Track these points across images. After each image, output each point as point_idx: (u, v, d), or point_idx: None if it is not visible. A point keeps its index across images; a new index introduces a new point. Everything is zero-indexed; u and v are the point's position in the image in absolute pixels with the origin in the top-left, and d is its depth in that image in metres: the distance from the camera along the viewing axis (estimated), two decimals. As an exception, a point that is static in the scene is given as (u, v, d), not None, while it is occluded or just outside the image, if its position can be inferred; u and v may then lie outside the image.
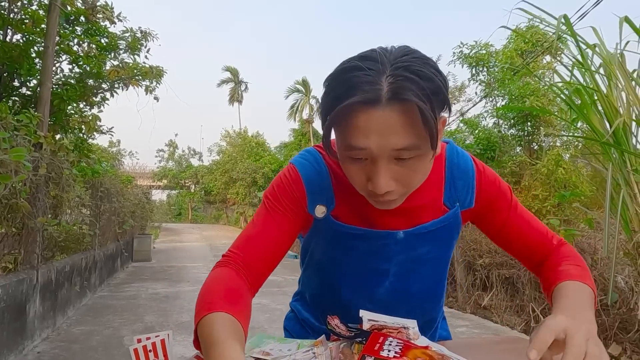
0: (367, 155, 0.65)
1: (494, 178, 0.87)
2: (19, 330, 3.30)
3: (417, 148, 0.64)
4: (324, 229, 0.86)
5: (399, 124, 0.62)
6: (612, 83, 2.20)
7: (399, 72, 0.61)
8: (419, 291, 0.90)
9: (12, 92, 5.02)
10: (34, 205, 3.51)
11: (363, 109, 0.62)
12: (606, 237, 2.31)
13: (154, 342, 0.68)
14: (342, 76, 0.64)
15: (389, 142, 0.63)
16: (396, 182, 0.68)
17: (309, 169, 0.84)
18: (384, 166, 0.65)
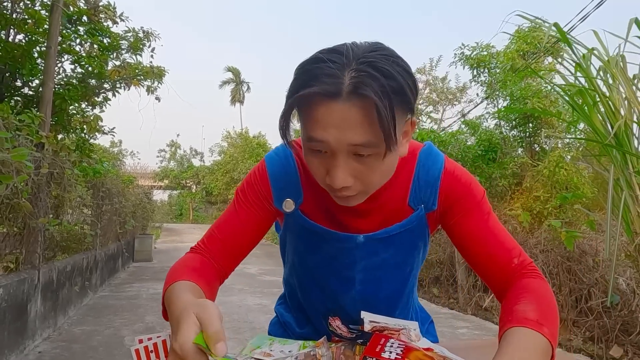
0: (326, 148, 0.65)
1: (464, 179, 0.81)
2: (20, 330, 3.31)
3: (374, 146, 0.63)
4: (293, 224, 0.86)
5: (358, 119, 0.61)
6: (613, 85, 2.20)
7: (362, 68, 0.60)
8: (386, 297, 0.89)
9: (15, 92, 5.03)
10: (35, 205, 3.51)
11: (323, 102, 0.61)
12: (608, 239, 2.30)
13: (155, 343, 0.68)
14: (307, 67, 0.63)
15: (346, 136, 0.62)
16: (354, 179, 0.67)
17: (276, 163, 0.84)
18: (342, 161, 0.65)
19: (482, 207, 0.80)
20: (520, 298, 0.68)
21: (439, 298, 6.08)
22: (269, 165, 0.85)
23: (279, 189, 0.84)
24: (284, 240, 0.93)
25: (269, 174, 0.84)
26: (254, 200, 0.84)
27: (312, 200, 0.84)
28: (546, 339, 0.61)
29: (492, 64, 8.23)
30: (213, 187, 28.81)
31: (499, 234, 0.78)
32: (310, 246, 0.86)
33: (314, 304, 0.92)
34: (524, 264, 0.76)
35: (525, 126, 7.40)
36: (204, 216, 34.91)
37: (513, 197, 6.87)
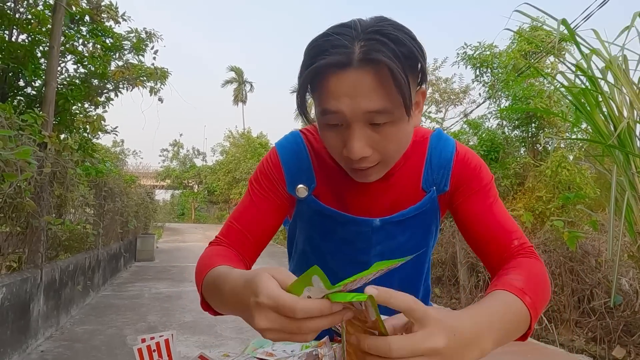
0: (341, 119, 0.64)
1: (474, 162, 0.83)
2: (23, 329, 3.32)
3: (389, 112, 0.63)
4: (306, 210, 0.86)
5: (371, 86, 0.61)
6: (615, 85, 2.19)
7: (371, 36, 0.60)
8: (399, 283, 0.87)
9: (17, 92, 5.04)
10: (38, 205, 3.52)
11: (334, 72, 0.61)
12: (610, 239, 2.29)
13: (157, 342, 0.69)
14: (315, 42, 0.64)
15: (360, 104, 0.62)
16: (372, 149, 0.66)
17: (287, 149, 0.85)
18: (358, 130, 0.64)
19: (488, 190, 0.81)
20: (510, 270, 0.69)
21: (441, 298, 6.07)
22: (280, 152, 0.85)
23: (291, 174, 0.84)
24: (293, 231, 0.93)
25: (281, 161, 0.84)
26: (269, 187, 0.84)
27: (325, 186, 0.84)
28: (526, 307, 0.60)
29: (495, 63, 8.22)
30: (215, 187, 28.86)
31: (502, 217, 0.79)
32: (324, 232, 0.86)
33: None
34: (523, 246, 0.77)
35: (527, 126, 7.39)
36: (205, 216, 34.96)
37: (515, 197, 6.85)
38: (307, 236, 0.89)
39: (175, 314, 4.86)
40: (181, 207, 37.76)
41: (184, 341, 3.80)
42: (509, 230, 0.78)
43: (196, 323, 4.47)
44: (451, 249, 6.05)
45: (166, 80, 6.14)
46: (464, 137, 7.94)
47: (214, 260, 0.71)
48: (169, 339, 0.70)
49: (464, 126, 8.64)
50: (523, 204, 6.39)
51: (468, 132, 8.20)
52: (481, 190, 0.81)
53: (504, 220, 0.79)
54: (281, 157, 0.84)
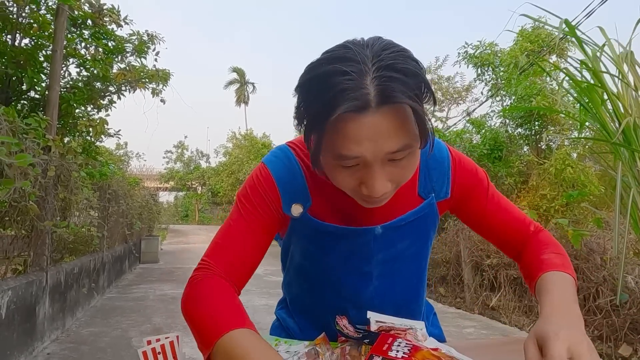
0: (360, 161, 0.63)
1: (470, 167, 0.85)
2: (29, 331, 3.34)
3: (410, 147, 0.62)
4: (302, 228, 0.82)
5: (392, 127, 0.59)
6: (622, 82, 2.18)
7: (383, 73, 0.57)
8: (402, 291, 0.88)
9: (21, 96, 5.07)
10: (43, 208, 3.54)
11: (352, 118, 0.58)
12: (616, 236, 2.28)
13: (162, 345, 0.69)
14: (323, 84, 0.59)
15: (382, 147, 0.60)
16: (391, 182, 0.66)
17: (280, 167, 0.80)
18: (379, 170, 0.63)
19: (490, 190, 0.87)
20: (542, 249, 0.81)
21: (446, 297, 6.06)
22: (273, 170, 0.80)
23: (286, 192, 0.79)
24: (287, 246, 0.90)
25: (275, 179, 0.79)
26: (261, 207, 0.79)
27: (320, 202, 0.81)
28: (572, 277, 0.75)
29: (496, 62, 8.20)
30: (218, 188, 28.90)
31: (509, 208, 0.88)
32: (324, 247, 0.84)
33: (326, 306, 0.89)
34: (538, 228, 0.88)
35: (531, 124, 7.37)
36: (209, 217, 35.02)
37: (519, 195, 6.83)
38: (304, 251, 0.87)
39: (180, 316, 4.82)
40: (185, 209, 37.85)
41: (190, 342, 3.78)
42: (522, 219, 0.87)
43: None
44: (455, 248, 6.04)
45: (168, 82, 6.16)
46: (467, 136, 7.92)
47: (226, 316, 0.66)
48: (174, 341, 0.70)
49: (467, 125, 8.62)
50: (527, 202, 6.37)
51: (471, 131, 8.18)
52: (484, 192, 0.86)
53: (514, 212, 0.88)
54: (275, 176, 0.79)
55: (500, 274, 5.15)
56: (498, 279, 5.19)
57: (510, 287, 5.07)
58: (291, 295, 0.97)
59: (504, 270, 5.12)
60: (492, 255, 5.29)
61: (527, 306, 4.79)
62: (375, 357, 0.63)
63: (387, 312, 0.81)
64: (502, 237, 0.88)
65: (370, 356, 0.64)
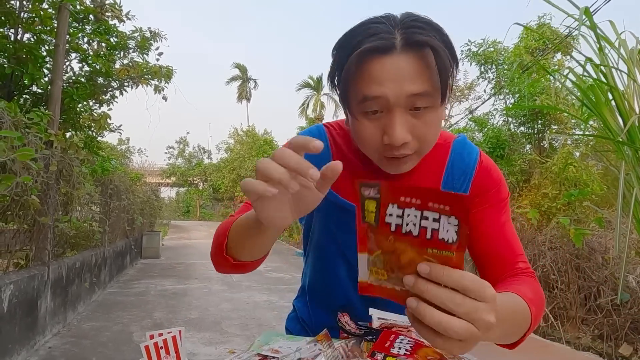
0: (383, 105, 0.65)
1: (496, 175, 0.84)
2: (31, 325, 3.35)
3: (431, 96, 0.64)
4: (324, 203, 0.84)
5: (414, 70, 0.63)
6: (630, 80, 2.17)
7: (410, 24, 0.63)
8: None
9: (24, 90, 5.07)
10: (45, 202, 3.55)
11: (376, 58, 0.63)
12: (618, 236, 2.28)
13: (165, 339, 0.69)
14: (354, 31, 0.65)
15: (404, 88, 0.63)
16: (412, 135, 0.67)
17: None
18: (399, 116, 0.65)
19: (504, 206, 0.82)
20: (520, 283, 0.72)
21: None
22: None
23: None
24: (309, 223, 0.92)
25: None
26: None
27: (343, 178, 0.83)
28: (530, 316, 0.63)
29: (500, 60, 8.17)
30: (220, 185, 28.93)
31: (512, 237, 0.81)
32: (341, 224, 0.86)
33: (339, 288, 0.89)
34: (527, 269, 0.79)
35: (533, 123, 7.35)
36: (210, 213, 35.08)
37: (521, 194, 6.82)
38: (323, 227, 0.89)
39: (181, 311, 4.89)
40: (186, 205, 37.91)
41: (190, 338, 3.82)
42: (517, 252, 0.80)
43: (202, 320, 4.49)
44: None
45: (171, 78, 6.16)
46: (469, 134, 7.90)
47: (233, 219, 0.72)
48: (177, 336, 0.70)
49: (470, 123, 8.60)
50: (529, 201, 6.36)
51: (473, 129, 8.17)
52: (497, 205, 0.82)
53: (513, 240, 0.81)
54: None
55: (501, 272, 5.14)
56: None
57: (511, 286, 5.06)
58: (308, 280, 0.99)
59: (505, 268, 5.11)
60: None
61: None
62: (378, 353, 0.63)
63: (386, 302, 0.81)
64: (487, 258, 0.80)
65: (373, 353, 0.64)
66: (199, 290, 6.26)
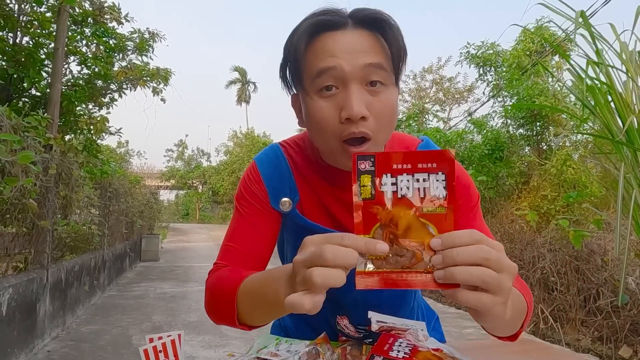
0: (338, 78, 0.65)
1: (464, 180, 0.83)
2: (30, 329, 3.34)
3: (385, 69, 0.66)
4: (292, 224, 0.84)
5: (367, 42, 0.66)
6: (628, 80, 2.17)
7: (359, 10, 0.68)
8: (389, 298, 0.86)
9: (22, 94, 5.07)
10: (44, 206, 3.54)
11: (330, 35, 0.66)
12: (617, 238, 2.27)
13: (164, 343, 0.69)
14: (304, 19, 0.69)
15: (359, 58, 0.64)
16: (369, 111, 0.66)
17: (267, 163, 0.84)
18: (357, 90, 0.65)
19: (475, 211, 0.83)
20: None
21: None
22: (260, 166, 0.83)
23: (273, 188, 0.82)
24: (282, 242, 0.91)
25: (261, 175, 0.83)
26: (255, 203, 0.83)
27: (308, 199, 0.82)
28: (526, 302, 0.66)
29: (498, 62, 8.19)
30: (219, 187, 28.93)
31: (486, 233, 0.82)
32: None
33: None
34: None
35: (532, 124, 7.36)
36: (210, 216, 35.05)
37: (520, 196, 6.82)
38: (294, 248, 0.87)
39: (181, 314, 4.88)
40: (185, 208, 37.88)
41: (189, 341, 3.81)
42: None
43: (201, 323, 4.48)
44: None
45: (169, 80, 6.15)
46: (468, 136, 7.91)
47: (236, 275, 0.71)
48: (175, 340, 0.70)
49: (469, 125, 8.61)
50: (528, 203, 6.36)
51: (472, 131, 8.17)
52: (470, 211, 0.81)
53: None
54: (261, 171, 0.83)
55: (501, 274, 5.13)
56: (498, 279, 5.18)
57: (510, 288, 5.06)
58: None
59: (504, 270, 5.11)
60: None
61: (528, 307, 4.78)
62: (377, 357, 0.63)
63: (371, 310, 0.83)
64: None
65: (372, 356, 0.64)
66: (199, 293, 6.24)
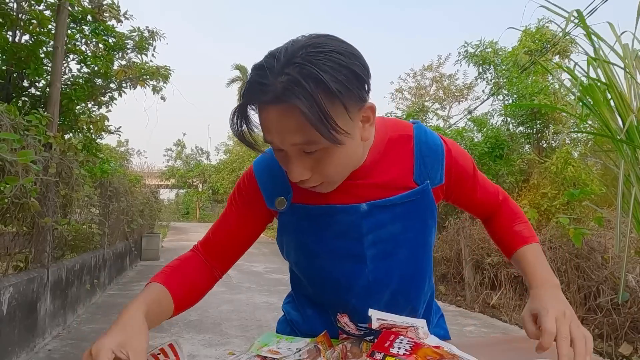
0: (278, 147, 0.69)
1: (460, 154, 0.89)
2: (31, 328, 3.34)
3: (315, 143, 0.65)
4: (291, 220, 0.86)
5: (292, 123, 0.63)
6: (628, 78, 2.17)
7: (290, 72, 0.61)
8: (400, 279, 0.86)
9: (22, 93, 5.07)
10: (44, 205, 3.54)
11: (262, 108, 0.66)
12: (618, 235, 2.28)
13: (162, 348, 0.69)
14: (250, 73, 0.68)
15: (286, 138, 0.65)
16: (311, 172, 0.70)
17: (262, 165, 0.88)
18: (294, 157, 0.68)
19: (475, 174, 0.92)
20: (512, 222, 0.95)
21: (446, 295, 6.06)
22: (255, 169, 0.88)
23: (267, 190, 0.86)
24: (282, 243, 0.92)
25: (256, 177, 0.87)
26: (243, 205, 0.89)
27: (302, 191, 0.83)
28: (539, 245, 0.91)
29: (497, 60, 8.18)
30: (219, 186, 28.91)
31: (487, 187, 0.96)
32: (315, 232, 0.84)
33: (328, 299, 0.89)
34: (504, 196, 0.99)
35: (532, 123, 7.35)
36: (210, 215, 35.03)
37: (520, 194, 6.82)
38: (297, 245, 0.88)
39: (181, 313, 4.88)
40: (186, 206, 37.87)
41: (190, 340, 3.82)
42: (494, 193, 0.97)
43: (201, 322, 4.49)
44: (456, 246, 6.04)
45: (168, 78, 6.15)
46: (468, 134, 7.90)
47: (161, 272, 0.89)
48: (174, 344, 0.70)
49: (469, 123, 8.61)
50: (528, 201, 6.36)
51: (472, 129, 8.17)
52: (470, 178, 0.91)
53: (489, 187, 0.96)
54: (256, 175, 0.88)
55: (501, 272, 5.15)
56: (499, 277, 5.19)
57: (510, 286, 5.07)
58: (296, 290, 1.00)
59: (504, 268, 5.12)
60: (492, 254, 5.29)
61: (528, 304, 4.78)
62: (377, 353, 0.63)
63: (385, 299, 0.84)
64: (479, 208, 0.98)
65: (372, 352, 0.64)
66: (199, 291, 6.25)
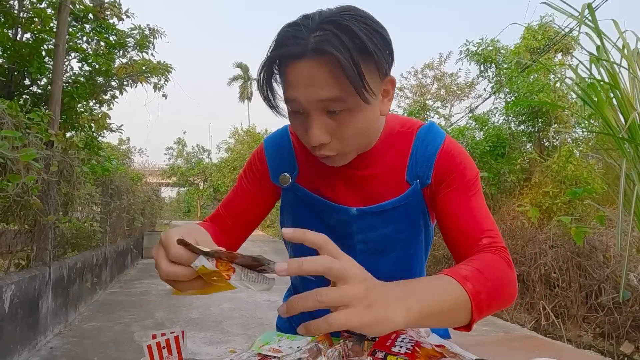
0: (300, 107, 0.68)
1: (459, 158, 0.80)
2: (32, 325, 3.35)
3: (343, 100, 0.65)
4: (291, 199, 0.89)
5: (323, 76, 0.64)
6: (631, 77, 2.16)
7: (326, 27, 0.63)
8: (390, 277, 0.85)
9: (23, 91, 5.07)
10: (45, 203, 3.54)
11: (290, 63, 0.65)
12: (619, 234, 2.27)
13: (167, 339, 0.69)
14: (279, 33, 0.67)
15: (313, 93, 0.65)
16: (330, 136, 0.69)
17: (272, 141, 0.90)
18: (316, 118, 0.67)
19: (469, 186, 0.78)
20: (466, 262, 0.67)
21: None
22: (265, 145, 0.91)
23: (274, 164, 0.88)
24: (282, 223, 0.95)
25: (265, 152, 0.90)
26: (252, 179, 0.91)
27: (308, 173, 0.86)
28: (466, 293, 0.58)
29: (499, 58, 8.17)
30: (220, 184, 28.93)
31: (478, 213, 0.76)
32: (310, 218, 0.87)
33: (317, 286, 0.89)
34: (491, 244, 0.72)
35: (534, 121, 7.34)
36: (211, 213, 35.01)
37: (522, 192, 6.82)
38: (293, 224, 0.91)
39: (182, 311, 4.89)
40: (187, 205, 37.91)
41: (191, 337, 3.82)
42: (484, 228, 0.74)
43: (203, 319, 4.50)
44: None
45: (169, 75, 6.14)
46: (470, 133, 7.89)
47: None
48: (179, 336, 0.70)
49: (470, 121, 8.59)
50: (529, 200, 6.35)
51: (474, 128, 8.16)
52: (462, 187, 0.78)
53: (479, 216, 0.76)
54: (265, 149, 0.90)
55: (502, 270, 5.13)
56: (500, 275, 5.18)
57: (512, 284, 5.06)
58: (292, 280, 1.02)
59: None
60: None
61: (529, 303, 4.79)
62: (379, 352, 0.63)
63: None
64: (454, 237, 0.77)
65: (374, 351, 0.64)
66: (200, 289, 6.26)
